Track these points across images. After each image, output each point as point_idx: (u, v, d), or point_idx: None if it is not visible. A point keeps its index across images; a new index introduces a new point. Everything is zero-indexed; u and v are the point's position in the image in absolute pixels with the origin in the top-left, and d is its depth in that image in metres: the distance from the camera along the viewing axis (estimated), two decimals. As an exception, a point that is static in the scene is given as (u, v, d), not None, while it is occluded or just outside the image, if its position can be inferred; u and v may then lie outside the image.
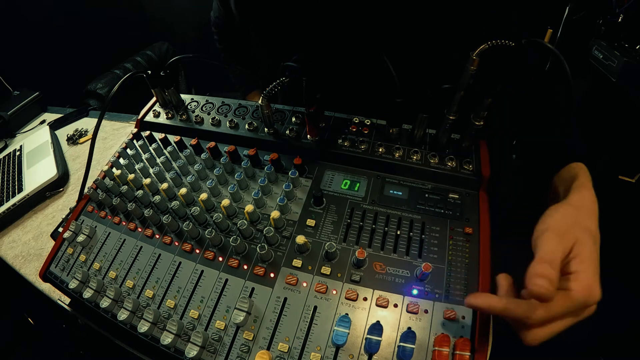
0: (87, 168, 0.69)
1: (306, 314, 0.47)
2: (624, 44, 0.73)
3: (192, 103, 0.76)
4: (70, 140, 1.25)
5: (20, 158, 1.16)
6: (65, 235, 0.63)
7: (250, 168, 0.62)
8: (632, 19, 0.75)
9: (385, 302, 0.46)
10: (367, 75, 0.67)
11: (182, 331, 0.49)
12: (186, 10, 2.41)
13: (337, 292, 0.48)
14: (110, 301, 0.53)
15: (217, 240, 0.54)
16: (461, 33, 0.61)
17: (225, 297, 0.50)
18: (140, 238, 0.59)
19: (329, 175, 0.60)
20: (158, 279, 0.55)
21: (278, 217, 0.53)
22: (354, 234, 0.53)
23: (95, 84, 1.80)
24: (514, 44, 0.43)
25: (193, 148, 0.68)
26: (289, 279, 0.49)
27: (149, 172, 0.67)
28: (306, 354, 0.44)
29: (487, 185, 0.55)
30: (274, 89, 0.56)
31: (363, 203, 0.56)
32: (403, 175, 0.58)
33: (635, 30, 0.74)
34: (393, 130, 0.60)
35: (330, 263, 0.50)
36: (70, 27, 2.09)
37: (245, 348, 0.46)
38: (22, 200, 0.97)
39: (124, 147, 0.73)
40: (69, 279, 0.60)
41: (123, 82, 0.67)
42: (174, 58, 0.69)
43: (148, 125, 0.76)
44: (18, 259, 0.86)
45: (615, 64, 0.75)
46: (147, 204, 0.63)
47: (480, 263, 0.48)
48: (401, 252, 0.50)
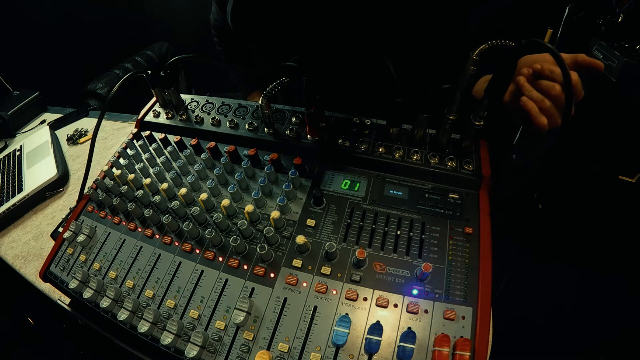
0: (87, 168, 0.69)
1: (306, 314, 0.47)
2: (624, 44, 0.73)
3: (192, 103, 0.76)
4: (70, 140, 1.25)
5: (20, 158, 1.16)
6: (65, 235, 0.63)
7: (250, 168, 0.62)
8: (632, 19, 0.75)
9: (385, 302, 0.46)
10: (367, 75, 0.67)
11: (182, 331, 0.49)
12: (186, 10, 2.41)
13: (337, 292, 0.48)
14: (110, 301, 0.53)
15: (217, 240, 0.54)
16: (461, 33, 0.61)
17: (225, 297, 0.50)
18: (140, 238, 0.59)
19: (329, 175, 0.60)
20: (158, 279, 0.55)
21: (278, 217, 0.53)
22: (354, 234, 0.53)
23: (95, 84, 1.80)
24: (514, 44, 0.43)
25: (193, 148, 0.68)
26: (289, 279, 0.49)
27: (149, 172, 0.67)
28: (306, 354, 0.44)
29: (487, 185, 0.55)
30: (274, 89, 0.56)
31: (363, 203, 0.56)
32: (403, 175, 0.58)
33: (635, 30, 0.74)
34: (393, 130, 0.60)
35: (330, 263, 0.50)
36: (70, 27, 2.09)
37: (245, 348, 0.46)
38: (22, 200, 0.97)
39: (124, 147, 0.73)
40: (69, 279, 0.60)
41: (123, 82, 0.67)
42: (174, 58, 0.69)
43: (148, 125, 0.76)
44: (18, 259, 0.86)
45: (615, 64, 0.75)
46: (147, 204, 0.63)
47: (480, 263, 0.48)
48: (401, 252, 0.50)
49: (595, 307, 1.23)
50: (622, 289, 1.22)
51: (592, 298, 1.25)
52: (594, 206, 1.25)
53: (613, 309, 1.20)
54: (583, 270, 1.30)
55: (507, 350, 0.47)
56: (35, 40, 1.97)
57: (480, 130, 0.53)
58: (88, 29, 2.17)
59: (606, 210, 1.22)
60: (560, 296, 1.27)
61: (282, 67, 0.54)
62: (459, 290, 0.46)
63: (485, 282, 0.46)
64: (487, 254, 0.49)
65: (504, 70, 0.46)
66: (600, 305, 1.22)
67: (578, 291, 1.28)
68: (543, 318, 1.22)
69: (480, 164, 0.57)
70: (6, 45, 1.83)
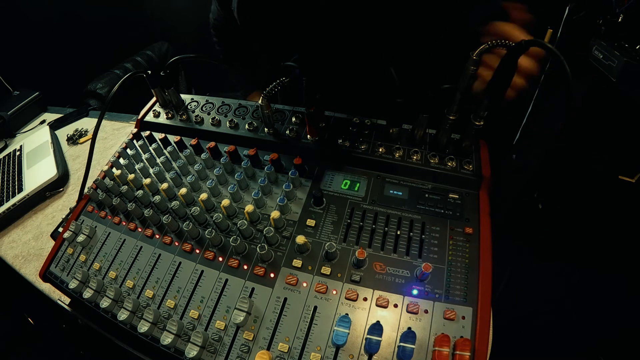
0: (87, 168, 0.69)
1: (306, 314, 0.47)
2: (624, 44, 0.73)
3: (192, 103, 0.76)
4: (70, 140, 1.25)
5: (20, 158, 1.16)
6: (65, 235, 0.63)
7: (250, 168, 0.62)
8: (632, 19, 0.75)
9: (385, 302, 0.46)
10: (368, 75, 0.67)
11: (182, 331, 0.49)
12: (186, 10, 2.41)
13: (337, 292, 0.48)
14: (110, 301, 0.53)
15: (217, 240, 0.54)
16: (461, 33, 0.61)
17: (225, 297, 0.50)
18: (140, 238, 0.59)
19: (329, 175, 0.60)
20: (158, 279, 0.55)
21: (278, 217, 0.53)
22: (354, 234, 0.53)
23: (95, 84, 1.80)
24: (514, 43, 0.43)
25: (193, 148, 0.68)
26: (289, 279, 0.49)
27: (149, 172, 0.67)
28: (306, 354, 0.44)
29: (487, 185, 0.55)
30: (274, 89, 0.56)
31: (363, 203, 0.56)
32: (403, 175, 0.58)
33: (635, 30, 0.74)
34: (393, 130, 0.60)
35: (330, 263, 0.50)
36: (70, 27, 2.09)
37: (245, 348, 0.46)
38: (22, 200, 0.97)
39: (124, 147, 0.73)
40: (69, 279, 0.60)
41: (123, 82, 0.67)
42: (174, 58, 0.69)
43: (148, 125, 0.76)
44: (18, 259, 0.86)
45: (615, 64, 0.74)
46: (147, 204, 0.63)
47: (480, 263, 0.48)
48: (401, 252, 0.50)
49: (595, 307, 1.23)
50: (622, 289, 1.21)
51: (592, 298, 1.25)
52: (594, 206, 1.25)
53: (613, 309, 1.19)
54: (583, 270, 1.30)
55: (507, 350, 0.47)
56: (35, 40, 1.97)
57: (480, 130, 0.53)
58: (88, 29, 2.17)
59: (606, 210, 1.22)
60: (560, 296, 1.27)
61: (282, 67, 0.54)
62: (459, 290, 0.46)
63: (485, 282, 0.46)
64: (487, 254, 0.49)
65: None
66: (600, 305, 1.22)
67: (578, 291, 1.28)
68: (543, 318, 1.22)
69: (480, 164, 0.57)
70: (6, 45, 1.83)
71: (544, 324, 1.19)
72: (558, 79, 0.83)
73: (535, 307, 1.24)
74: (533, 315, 1.22)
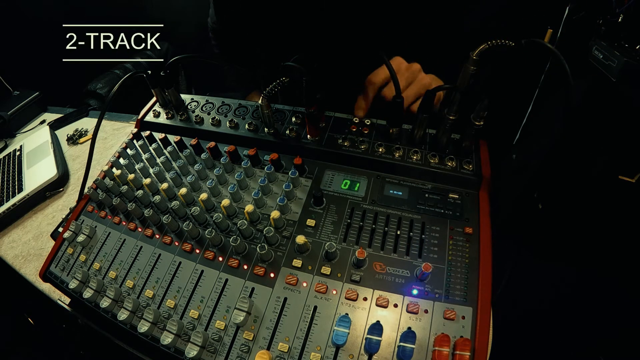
0: (87, 168, 0.69)
1: (306, 314, 0.47)
2: (624, 44, 0.73)
3: (192, 103, 0.76)
4: (70, 140, 1.25)
5: (20, 158, 1.16)
6: (65, 235, 0.63)
7: (250, 168, 0.62)
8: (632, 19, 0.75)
9: (385, 302, 0.46)
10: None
11: (182, 331, 0.49)
12: (186, 10, 2.41)
13: (337, 292, 0.48)
14: (110, 301, 0.53)
15: (217, 240, 0.54)
16: (461, 33, 0.61)
17: (225, 297, 0.50)
18: (140, 238, 0.59)
19: (329, 175, 0.60)
20: (158, 279, 0.55)
21: (278, 217, 0.53)
22: (354, 234, 0.53)
23: (95, 84, 1.80)
24: (514, 44, 0.43)
25: (193, 148, 0.68)
26: (289, 279, 0.49)
27: (149, 172, 0.67)
28: (306, 354, 0.44)
29: (487, 185, 0.55)
30: (274, 89, 0.56)
31: (363, 203, 0.56)
32: (403, 175, 0.58)
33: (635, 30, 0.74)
34: (393, 130, 0.60)
35: (330, 263, 0.50)
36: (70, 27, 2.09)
37: (245, 348, 0.46)
38: (22, 200, 0.97)
39: (124, 147, 0.73)
40: (69, 279, 0.60)
41: (123, 82, 0.67)
42: (174, 58, 0.69)
43: (148, 125, 0.76)
44: (18, 259, 0.86)
45: (615, 64, 0.75)
46: (147, 204, 0.63)
47: (480, 263, 0.48)
48: (401, 252, 0.50)
49: (595, 307, 1.22)
50: (622, 289, 1.21)
51: (592, 298, 1.25)
52: (594, 206, 1.25)
53: (613, 309, 1.19)
54: (583, 270, 1.30)
55: (507, 350, 0.47)
56: (35, 40, 1.96)
57: (480, 130, 0.53)
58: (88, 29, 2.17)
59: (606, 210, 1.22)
60: (560, 296, 1.27)
61: (282, 67, 0.54)
62: (459, 290, 0.46)
63: (485, 282, 0.46)
64: (487, 254, 0.49)
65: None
66: (600, 305, 1.22)
67: (578, 291, 1.28)
68: (543, 318, 1.22)
69: (480, 164, 0.57)
70: (6, 45, 1.83)
71: (544, 324, 1.19)
72: (558, 79, 0.83)
73: (535, 307, 1.24)
74: (533, 315, 1.22)
